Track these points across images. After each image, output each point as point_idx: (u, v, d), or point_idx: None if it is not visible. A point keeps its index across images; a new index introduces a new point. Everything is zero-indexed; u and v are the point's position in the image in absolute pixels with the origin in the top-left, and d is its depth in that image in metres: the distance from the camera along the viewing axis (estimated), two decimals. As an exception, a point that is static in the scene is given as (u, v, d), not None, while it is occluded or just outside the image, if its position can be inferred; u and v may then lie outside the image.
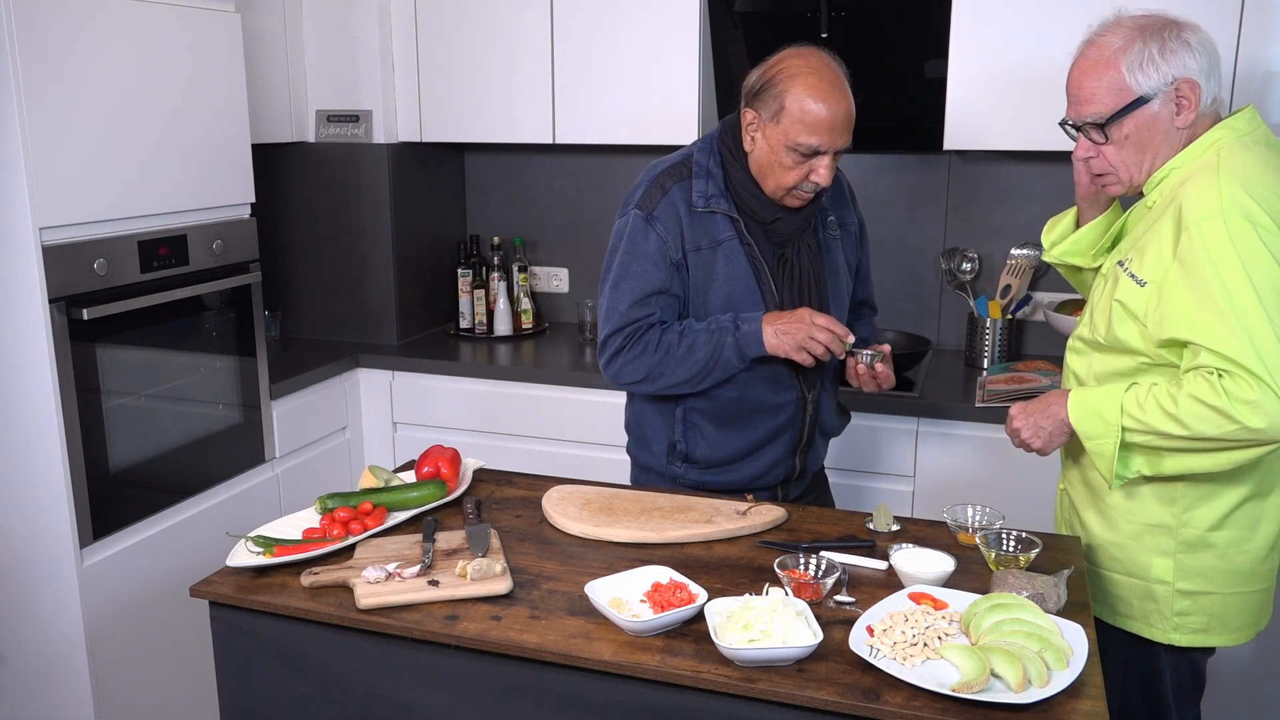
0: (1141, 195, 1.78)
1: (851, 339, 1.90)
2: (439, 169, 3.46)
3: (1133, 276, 1.67)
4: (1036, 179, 2.97)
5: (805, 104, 1.79)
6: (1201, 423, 1.55)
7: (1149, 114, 1.67)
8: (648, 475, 2.10)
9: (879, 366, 1.95)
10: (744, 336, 1.87)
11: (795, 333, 1.85)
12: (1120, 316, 1.69)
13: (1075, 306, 2.83)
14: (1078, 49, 1.74)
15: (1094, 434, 1.67)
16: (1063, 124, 1.79)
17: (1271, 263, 1.54)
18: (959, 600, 1.49)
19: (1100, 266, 1.89)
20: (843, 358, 1.93)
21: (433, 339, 3.38)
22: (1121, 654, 1.81)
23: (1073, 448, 1.86)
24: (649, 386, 1.96)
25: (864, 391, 2.00)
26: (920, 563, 1.60)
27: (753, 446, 2.01)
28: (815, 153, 1.82)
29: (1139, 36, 1.66)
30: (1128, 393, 1.64)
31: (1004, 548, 1.66)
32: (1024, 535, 1.67)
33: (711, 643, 1.39)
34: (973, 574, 1.63)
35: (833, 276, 2.01)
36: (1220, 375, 1.54)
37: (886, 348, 1.98)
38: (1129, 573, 1.77)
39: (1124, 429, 1.63)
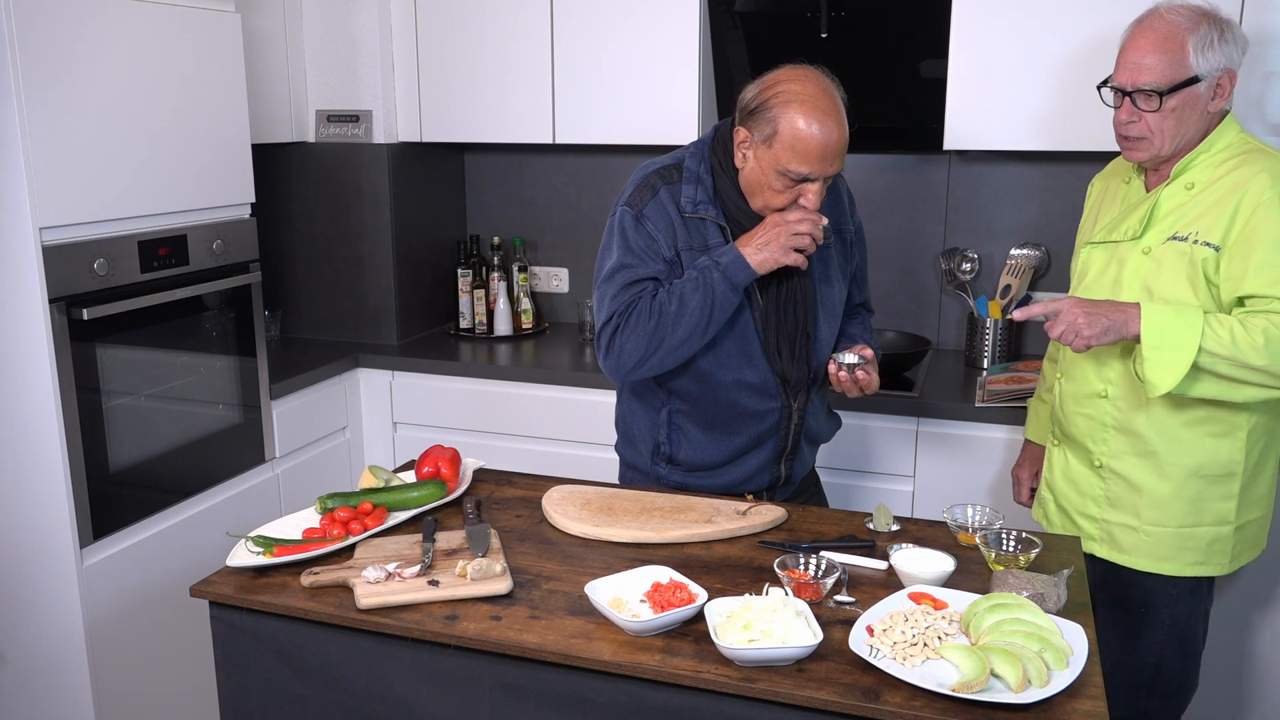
0: (1148, 170, 1.96)
1: (825, 220, 1.85)
2: (439, 169, 3.46)
3: (1208, 244, 1.81)
4: (1036, 179, 2.97)
5: (798, 132, 1.77)
6: None
7: (1195, 93, 1.83)
8: (634, 474, 2.10)
9: (859, 373, 1.93)
10: (728, 268, 1.83)
11: (776, 238, 1.82)
12: (1203, 284, 1.82)
13: (1075, 306, 2.83)
14: (1141, 19, 1.87)
15: (1166, 345, 1.76)
16: (1101, 86, 1.93)
17: None
18: (959, 600, 1.49)
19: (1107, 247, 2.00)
20: (825, 241, 1.87)
21: (433, 339, 3.38)
22: (1168, 609, 1.96)
23: (1117, 419, 1.95)
24: (654, 360, 1.88)
25: (848, 396, 1.99)
26: (920, 563, 1.60)
27: (736, 452, 2.00)
28: (805, 179, 1.81)
29: (1204, 21, 1.82)
30: (1209, 316, 1.76)
31: (1004, 548, 1.66)
32: (1024, 535, 1.67)
33: (711, 643, 1.39)
34: (973, 574, 1.63)
35: (823, 285, 1.98)
36: None
37: (869, 352, 1.95)
38: (1197, 522, 1.92)
39: (1202, 349, 1.73)
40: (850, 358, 1.93)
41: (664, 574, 1.55)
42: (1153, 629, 1.98)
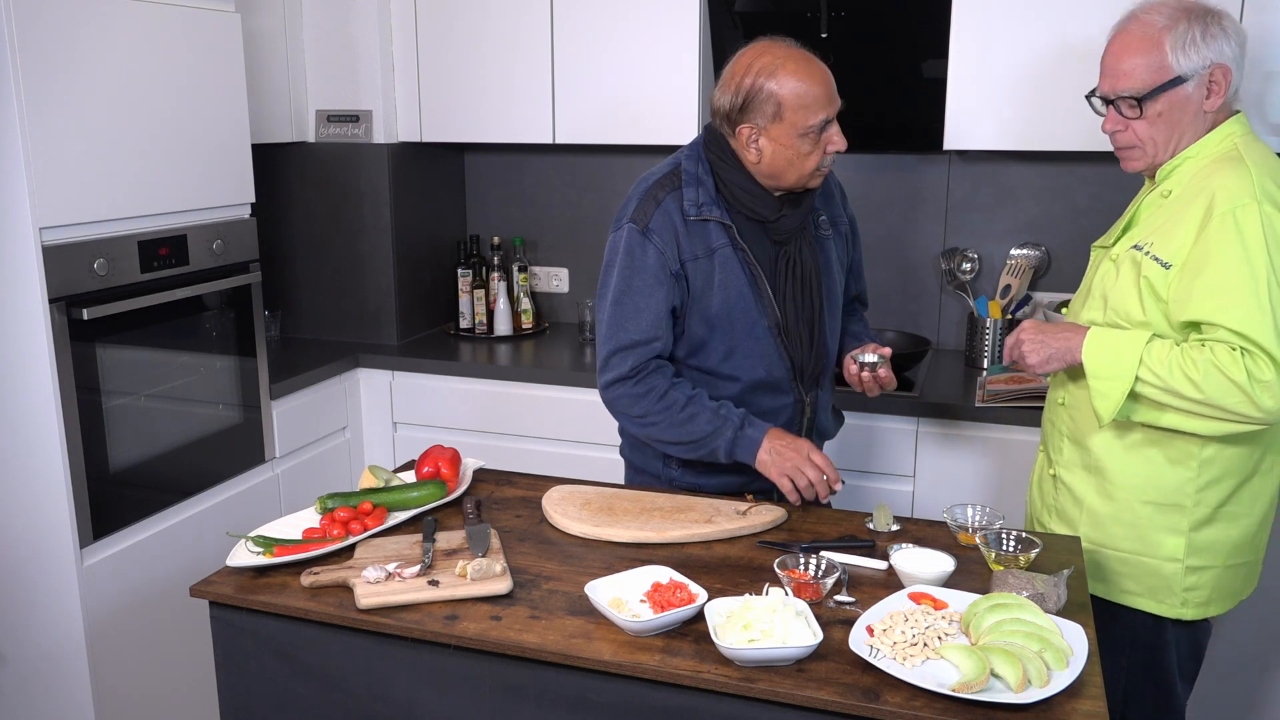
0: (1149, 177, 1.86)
1: (840, 486, 1.86)
2: (439, 169, 3.46)
3: (1157, 260, 1.72)
4: (1036, 179, 2.97)
5: (799, 88, 1.80)
6: (1219, 392, 1.61)
7: (1183, 94, 1.73)
8: (642, 478, 2.09)
9: (881, 371, 1.94)
10: (742, 438, 1.86)
11: (788, 459, 1.84)
12: (1150, 299, 1.73)
13: (1075, 306, 2.83)
14: (1118, 24, 1.80)
15: (1104, 374, 1.71)
16: (1090, 96, 1.85)
17: None
18: (959, 600, 1.49)
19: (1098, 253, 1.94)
20: (827, 500, 1.88)
21: (433, 339, 3.38)
22: (1127, 635, 1.85)
23: (1071, 428, 1.89)
24: (635, 427, 1.95)
25: (867, 396, 1.99)
26: (920, 563, 1.60)
27: None
28: (825, 124, 1.83)
29: (1184, 17, 1.72)
30: (1149, 344, 1.68)
31: (1004, 548, 1.66)
32: (1024, 535, 1.67)
33: (711, 643, 1.39)
34: (973, 574, 1.63)
35: (826, 276, 2.00)
36: (1243, 352, 1.60)
37: (887, 350, 1.97)
38: (1137, 551, 1.82)
39: (1138, 379, 1.67)
40: (870, 357, 1.94)
41: (664, 574, 1.55)
42: (1113, 654, 1.84)
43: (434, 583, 1.56)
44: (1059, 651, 1.35)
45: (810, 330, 1.96)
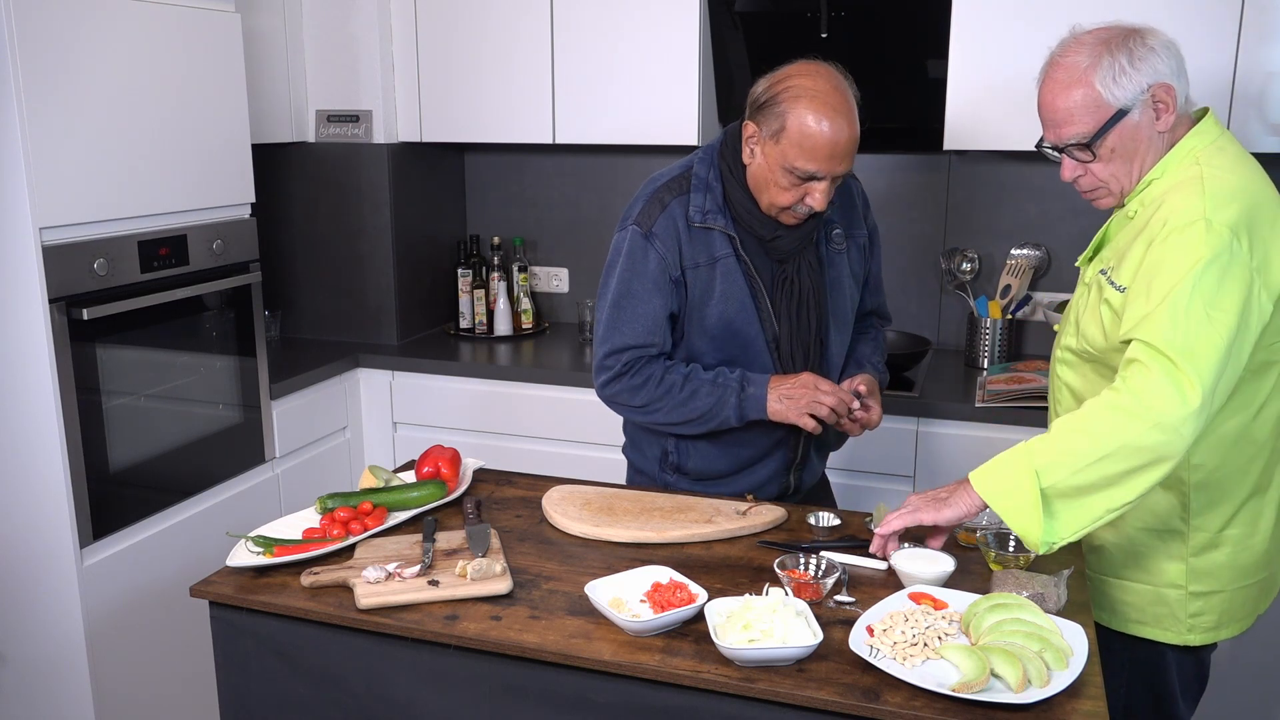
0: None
1: (857, 404, 1.88)
2: (439, 169, 3.46)
3: (1113, 284, 1.67)
4: (1036, 179, 2.98)
5: (806, 128, 1.74)
6: (1109, 427, 1.49)
7: (1130, 125, 1.65)
8: (642, 479, 2.09)
9: (859, 413, 1.92)
10: (748, 399, 1.86)
11: (800, 398, 1.85)
12: (1111, 323, 1.67)
13: (1075, 306, 2.83)
14: (1042, 72, 1.73)
15: (1004, 489, 1.55)
16: (1040, 147, 1.77)
17: (1240, 273, 1.53)
18: (959, 600, 1.49)
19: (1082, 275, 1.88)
20: (851, 414, 1.89)
21: (433, 339, 3.38)
22: (1125, 654, 1.81)
23: None
24: (640, 417, 1.95)
25: (851, 435, 1.98)
26: (920, 563, 1.60)
27: (746, 462, 2.00)
28: (812, 178, 1.78)
29: (1106, 50, 1.65)
30: (1030, 441, 1.57)
31: (1004, 548, 1.66)
32: (1024, 535, 1.66)
33: (711, 643, 1.39)
34: (973, 574, 1.63)
35: (835, 292, 1.97)
36: (1129, 364, 1.51)
37: (862, 387, 1.93)
38: (1138, 579, 1.77)
39: (1037, 472, 1.52)
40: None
41: (664, 574, 1.55)
42: (1111, 676, 1.77)
43: (434, 583, 1.56)
44: (1059, 651, 1.35)
45: (806, 351, 1.94)
